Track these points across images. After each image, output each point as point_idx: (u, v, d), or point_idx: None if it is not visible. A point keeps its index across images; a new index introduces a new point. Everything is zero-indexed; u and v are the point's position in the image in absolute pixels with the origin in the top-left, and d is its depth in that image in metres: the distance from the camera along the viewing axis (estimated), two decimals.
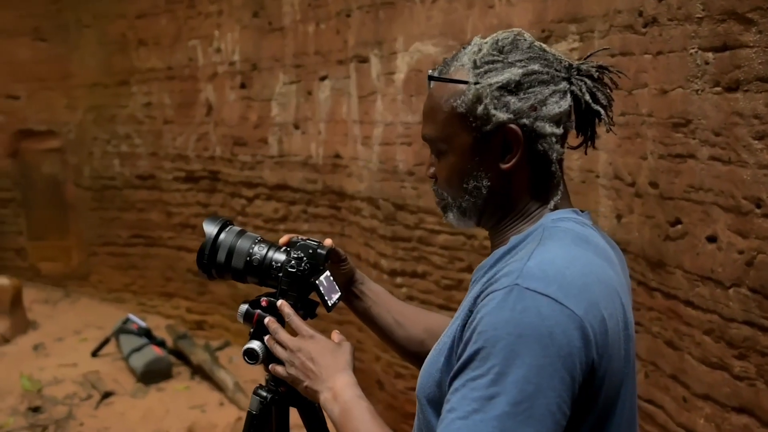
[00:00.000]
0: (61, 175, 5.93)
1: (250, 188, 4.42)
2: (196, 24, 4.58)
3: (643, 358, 2.19)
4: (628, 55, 2.11)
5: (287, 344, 1.20)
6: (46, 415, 3.85)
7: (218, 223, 1.37)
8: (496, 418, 0.82)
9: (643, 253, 2.13)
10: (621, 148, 2.19)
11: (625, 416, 0.97)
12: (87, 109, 5.58)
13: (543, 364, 0.84)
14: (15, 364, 4.51)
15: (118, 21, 5.13)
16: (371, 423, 1.01)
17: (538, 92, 1.00)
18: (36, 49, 5.70)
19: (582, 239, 0.99)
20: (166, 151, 5.08)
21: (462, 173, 1.04)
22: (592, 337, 0.88)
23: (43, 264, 6.20)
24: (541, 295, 0.87)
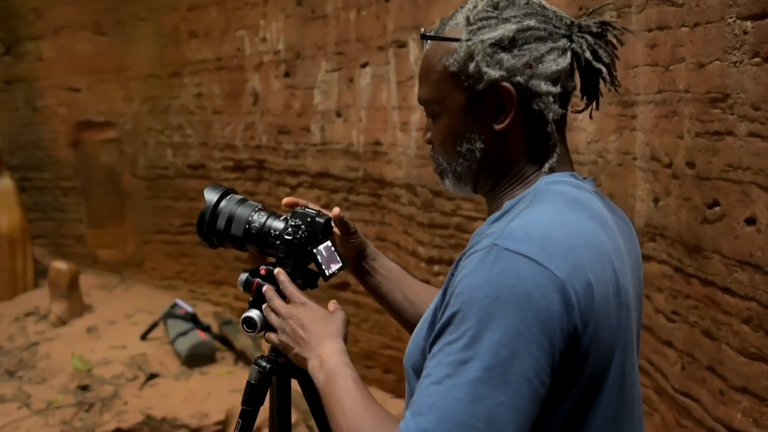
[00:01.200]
0: (118, 164, 6.12)
1: (294, 176, 4.45)
2: (244, 14, 4.64)
3: (680, 349, 2.08)
4: (665, 29, 2.00)
5: (279, 311, 1.19)
6: (94, 393, 3.98)
7: (219, 191, 1.36)
8: (469, 384, 0.78)
9: (680, 237, 2.02)
10: (658, 128, 2.09)
11: (618, 391, 0.90)
12: (142, 100, 5.73)
13: (520, 328, 0.79)
14: (69, 344, 4.68)
15: (171, 14, 5.25)
16: (354, 391, 0.98)
17: (533, 49, 0.95)
18: (95, 42, 5.90)
19: (575, 202, 0.94)
20: (215, 140, 5.17)
21: (455, 136, 1.01)
22: (574, 301, 0.82)
23: (101, 251, 6.41)
24: (520, 256, 0.82)
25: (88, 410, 3.79)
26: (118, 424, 3.64)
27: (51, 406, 3.85)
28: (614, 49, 1.04)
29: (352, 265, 1.36)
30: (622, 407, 0.92)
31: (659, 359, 2.22)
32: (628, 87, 2.25)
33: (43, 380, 4.19)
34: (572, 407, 0.87)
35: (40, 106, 6.41)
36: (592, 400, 0.88)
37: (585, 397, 0.87)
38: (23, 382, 4.18)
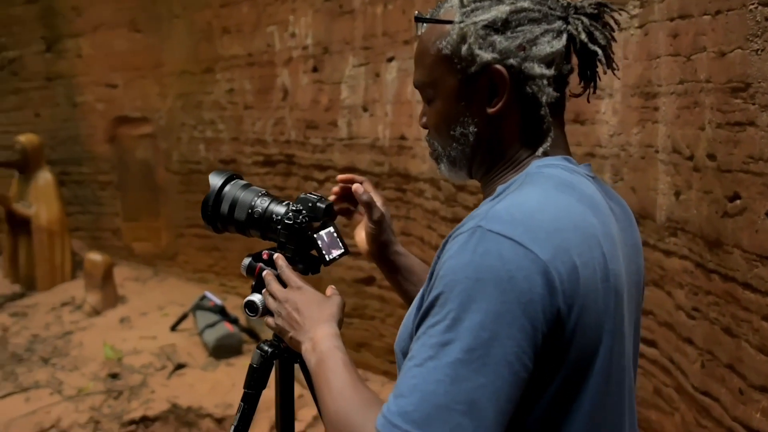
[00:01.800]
0: (153, 159, 6.23)
1: (321, 171, 4.48)
2: (274, 10, 4.68)
3: (700, 346, 2.03)
4: (687, 18, 1.95)
5: (277, 295, 1.20)
6: (123, 381, 4.06)
7: (224, 176, 1.38)
8: (449, 365, 0.77)
9: (700, 232, 1.97)
10: (679, 119, 2.04)
11: (605, 377, 0.88)
12: (176, 96, 5.83)
13: (501, 310, 0.78)
14: (101, 334, 4.79)
15: (205, 10, 5.33)
16: (343, 373, 0.98)
17: (527, 31, 0.94)
18: (132, 40, 6.02)
19: (566, 185, 0.92)
20: (246, 135, 5.22)
21: (449, 119, 1.00)
22: (558, 284, 0.81)
23: (136, 244, 6.55)
24: (503, 237, 0.81)
25: (116, 398, 3.87)
26: (144, 411, 3.71)
27: (81, 392, 3.95)
28: (612, 31, 1.03)
29: (372, 253, 1.35)
30: (609, 394, 0.90)
31: (680, 357, 2.17)
32: (650, 78, 2.20)
33: (75, 368, 4.29)
34: (557, 391, 0.85)
35: (79, 102, 6.58)
36: (578, 385, 0.86)
37: (570, 382, 0.86)
38: (56, 369, 4.29)
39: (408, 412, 0.77)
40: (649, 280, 2.36)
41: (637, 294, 1.07)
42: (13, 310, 5.52)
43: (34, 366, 4.36)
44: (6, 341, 4.84)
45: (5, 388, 4.05)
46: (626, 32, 2.32)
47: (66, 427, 3.61)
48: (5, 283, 6.22)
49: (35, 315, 5.36)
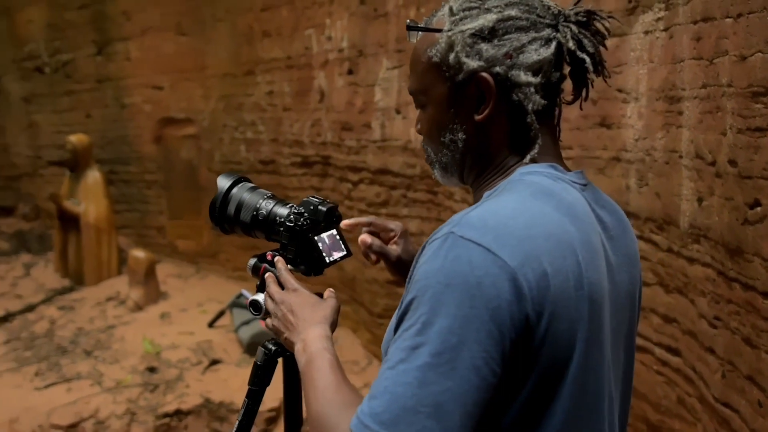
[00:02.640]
0: (196, 159, 6.39)
1: (355, 172, 4.52)
2: (312, 13, 4.75)
3: (721, 356, 1.99)
4: (710, 21, 1.92)
5: (274, 297, 1.23)
6: (159, 375, 4.18)
7: (231, 179, 1.42)
8: (418, 369, 0.79)
9: (722, 239, 1.93)
10: (702, 124, 2.00)
11: (579, 386, 0.88)
12: (219, 98, 5.96)
13: (469, 315, 0.80)
14: (142, 329, 4.94)
15: (246, 14, 5.44)
16: (329, 375, 1.00)
17: (514, 39, 0.95)
18: (178, 43, 6.18)
19: (545, 192, 0.93)
20: (285, 137, 5.31)
21: (439, 126, 1.02)
22: (526, 290, 0.82)
23: (179, 241, 6.72)
24: (474, 244, 0.83)
25: (152, 391, 3.99)
26: (178, 405, 3.82)
27: (120, 384, 4.09)
28: (603, 39, 1.03)
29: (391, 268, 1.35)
30: (583, 402, 0.90)
31: (702, 366, 2.13)
32: (675, 82, 2.16)
33: (115, 361, 4.44)
34: (529, 397, 0.86)
35: (127, 103, 6.79)
36: (550, 392, 0.86)
37: (542, 388, 0.86)
38: (98, 362, 4.45)
39: (378, 413, 0.79)
40: (673, 287, 2.31)
41: (630, 303, 1.06)
42: (61, 304, 5.73)
43: (78, 358, 4.53)
44: (53, 333, 5.04)
45: (49, 378, 4.22)
46: (651, 35, 2.28)
47: (104, 418, 3.74)
48: (55, 278, 6.46)
49: (81, 309, 5.56)
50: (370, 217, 1.33)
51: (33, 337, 4.98)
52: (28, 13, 7.36)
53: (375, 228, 1.33)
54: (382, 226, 1.32)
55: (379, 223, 1.32)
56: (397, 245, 1.32)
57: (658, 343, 2.43)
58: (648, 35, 2.30)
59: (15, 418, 3.73)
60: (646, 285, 2.47)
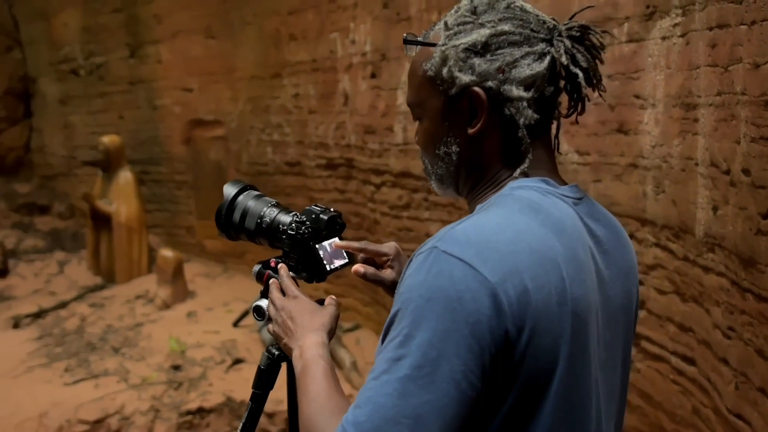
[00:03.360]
0: (225, 160, 6.48)
1: (378, 175, 4.54)
2: (336, 17, 4.79)
3: (734, 367, 1.97)
4: (725, 28, 1.89)
5: (275, 302, 1.26)
6: (184, 373, 4.26)
7: (238, 186, 1.45)
8: (399, 380, 0.81)
9: (735, 249, 1.91)
10: (717, 132, 1.98)
11: (563, 401, 0.88)
12: (246, 100, 6.04)
13: (449, 329, 0.81)
14: (169, 327, 5.04)
15: (273, 17, 5.50)
16: (321, 382, 1.02)
17: (507, 54, 0.96)
18: (207, 46, 6.28)
19: (532, 208, 0.93)
20: (310, 139, 5.36)
21: (434, 139, 1.04)
22: (505, 306, 0.83)
23: (207, 241, 6.82)
24: (456, 258, 0.84)
25: (176, 388, 4.07)
26: (201, 403, 3.89)
27: (145, 381, 4.18)
28: (598, 53, 1.03)
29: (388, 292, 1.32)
30: (568, 417, 0.90)
31: (716, 377, 2.10)
32: (691, 89, 2.14)
33: (142, 358, 4.54)
34: (511, 412, 0.86)
35: (158, 105, 6.92)
36: (532, 407, 0.87)
37: (524, 403, 0.86)
38: (125, 359, 4.55)
39: (361, 423, 0.81)
40: (689, 296, 2.29)
41: (625, 317, 1.06)
42: (92, 301, 5.87)
43: (106, 355, 4.64)
44: (83, 330, 5.17)
45: (78, 374, 4.33)
46: (669, 41, 2.26)
47: (128, 414, 3.83)
48: (88, 275, 6.62)
49: (111, 306, 5.68)
50: (361, 243, 1.30)
51: (64, 334, 5.11)
52: (64, 17, 7.55)
53: (367, 254, 1.31)
54: (374, 252, 1.31)
55: (372, 249, 1.31)
56: (392, 268, 1.31)
57: (674, 351, 2.41)
58: (665, 41, 2.28)
59: (44, 413, 3.84)
60: (663, 293, 2.45)
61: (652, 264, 2.47)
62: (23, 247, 7.33)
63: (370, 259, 1.32)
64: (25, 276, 6.67)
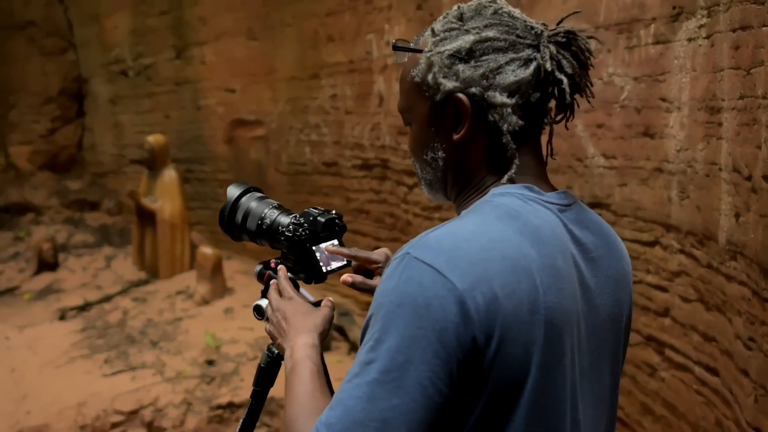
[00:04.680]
0: (265, 160, 6.58)
1: (411, 176, 4.55)
2: (372, 18, 4.81)
3: (754, 379, 1.91)
4: (747, 29, 1.84)
5: (272, 303, 1.29)
6: (217, 368, 4.35)
7: (241, 188, 1.48)
8: (367, 384, 0.83)
9: (756, 257, 1.85)
10: (739, 137, 1.92)
11: (536, 411, 0.88)
12: (286, 100, 6.13)
13: (416, 335, 0.83)
14: (206, 322, 5.15)
15: (312, 19, 5.56)
16: (307, 382, 1.04)
17: (491, 60, 0.96)
18: (249, 47, 6.39)
19: (510, 215, 0.94)
20: (346, 139, 5.40)
21: (422, 144, 1.05)
22: (473, 313, 0.83)
23: None
24: (426, 265, 0.85)
25: (209, 383, 4.17)
26: (231, 398, 3.97)
27: (179, 375, 4.28)
28: (587, 59, 1.02)
29: None
30: (541, 427, 0.90)
31: (737, 389, 2.04)
32: (715, 92, 2.08)
33: (178, 352, 4.66)
34: (480, 419, 0.86)
35: (202, 105, 7.07)
36: (503, 415, 0.87)
37: (494, 411, 0.86)
38: (162, 352, 4.67)
39: (332, 424, 0.83)
40: (712, 304, 2.23)
41: (614, 325, 1.04)
42: (135, 295, 6.05)
43: (144, 348, 4.77)
44: (124, 323, 5.33)
45: (117, 366, 4.47)
46: (694, 43, 2.20)
47: (162, 406, 3.93)
48: (133, 270, 6.81)
49: (153, 301, 5.84)
50: (352, 250, 1.30)
51: (106, 326, 5.28)
52: (115, 20, 7.80)
53: (358, 261, 1.32)
54: (364, 259, 1.31)
55: (362, 256, 1.31)
56: (380, 276, 1.32)
57: (697, 361, 2.35)
58: (691, 42, 2.23)
59: (83, 402, 3.98)
60: (687, 301, 2.39)
61: (676, 271, 2.41)
62: (73, 241, 7.60)
63: (362, 266, 1.33)
64: (74, 270, 6.92)
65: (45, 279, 6.68)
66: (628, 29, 2.49)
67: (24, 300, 6.30)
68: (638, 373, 2.69)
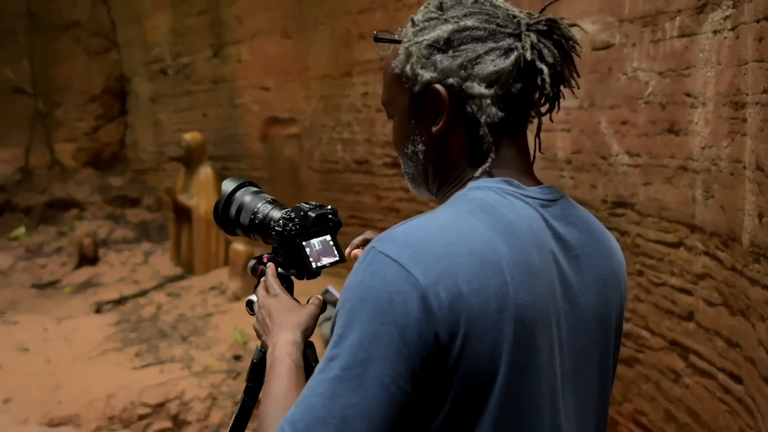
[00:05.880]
0: (298, 158, 6.62)
1: None
2: (402, 16, 4.78)
3: None
4: None
5: (258, 300, 1.28)
6: (243, 364, 4.39)
7: (237, 182, 1.48)
8: (329, 381, 0.81)
9: None
10: (763, 133, 1.83)
11: (507, 411, 0.85)
12: (319, 98, 6.15)
13: (378, 331, 0.81)
14: (236, 318, 5.20)
15: (344, 17, 5.56)
16: (283, 380, 1.03)
17: (469, 50, 0.94)
18: (283, 46, 6.43)
19: (483, 209, 0.91)
20: (377, 137, 5.39)
21: (403, 137, 1.03)
22: (436, 309, 0.81)
23: None
24: (390, 259, 0.83)
25: (235, 378, 4.20)
26: None
27: (206, 370, 4.33)
28: (572, 48, 0.98)
29: None
30: (512, 428, 0.87)
31: (760, 398, 1.95)
32: (739, 86, 1.99)
33: (207, 347, 4.71)
34: (448, 419, 0.84)
35: (238, 103, 7.15)
36: (472, 415, 0.84)
37: (463, 410, 0.84)
38: (191, 347, 4.74)
39: (295, 421, 0.82)
40: (736, 308, 2.13)
41: (601, 326, 1.00)
42: (170, 290, 6.16)
43: (174, 342, 4.85)
44: (157, 318, 5.43)
45: (147, 359, 4.56)
46: (720, 35, 2.11)
47: (188, 400, 3.98)
48: (170, 266, 6.94)
49: (186, 296, 5.93)
50: (366, 233, 1.31)
51: (140, 320, 5.39)
52: (155, 20, 7.95)
53: None
54: None
55: (371, 238, 1.32)
56: None
57: (721, 368, 2.25)
58: (716, 35, 2.13)
59: (112, 394, 4.06)
60: (712, 305, 2.30)
61: (700, 273, 2.32)
62: (114, 237, 7.78)
63: None
64: (113, 264, 7.08)
65: (85, 273, 6.86)
66: (653, 22, 2.41)
67: (64, 293, 6.48)
68: (662, 379, 2.60)
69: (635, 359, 2.75)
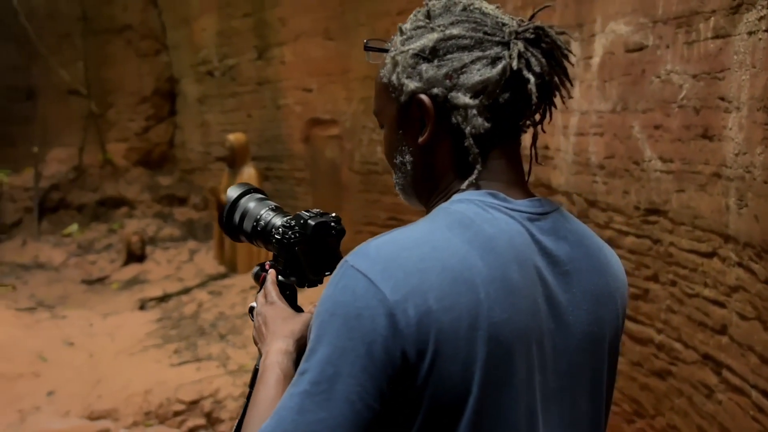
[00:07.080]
0: (339, 159, 6.65)
1: None
2: None
3: None
4: None
5: (256, 307, 1.29)
6: None
7: (242, 189, 1.49)
8: (299, 395, 0.81)
9: None
10: None
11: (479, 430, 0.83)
12: (359, 100, 6.15)
13: (346, 347, 0.80)
14: None
15: (384, 18, 5.55)
16: (270, 389, 1.03)
17: (455, 59, 0.93)
18: (325, 47, 6.47)
19: (462, 223, 0.89)
20: None
21: (391, 147, 1.03)
22: (403, 326, 0.80)
23: None
24: (361, 274, 0.83)
25: None
26: None
27: (241, 369, 4.39)
28: (561, 56, 0.96)
29: None
30: None
31: None
32: None
33: (243, 346, 4.78)
34: None
35: (281, 104, 7.23)
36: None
37: (433, 429, 0.83)
38: (228, 345, 4.82)
39: None
40: None
41: (593, 346, 0.97)
42: (212, 289, 6.27)
43: (212, 340, 4.93)
44: (198, 316, 5.53)
45: (184, 356, 4.65)
46: (754, 36, 2.02)
47: (221, 398, 4.05)
48: (213, 264, 7.07)
49: (227, 295, 6.03)
50: None
51: (181, 318, 5.50)
52: (203, 22, 8.11)
53: None
54: None
55: None
56: None
57: (754, 385, 2.15)
58: (751, 36, 2.04)
59: (149, 390, 4.16)
60: (745, 319, 2.20)
61: (734, 285, 2.22)
62: (161, 235, 7.98)
63: None
64: (160, 262, 7.26)
65: (132, 270, 7.05)
66: (687, 23, 2.32)
67: (112, 289, 6.68)
68: (695, 394, 2.50)
69: (668, 372, 2.66)
